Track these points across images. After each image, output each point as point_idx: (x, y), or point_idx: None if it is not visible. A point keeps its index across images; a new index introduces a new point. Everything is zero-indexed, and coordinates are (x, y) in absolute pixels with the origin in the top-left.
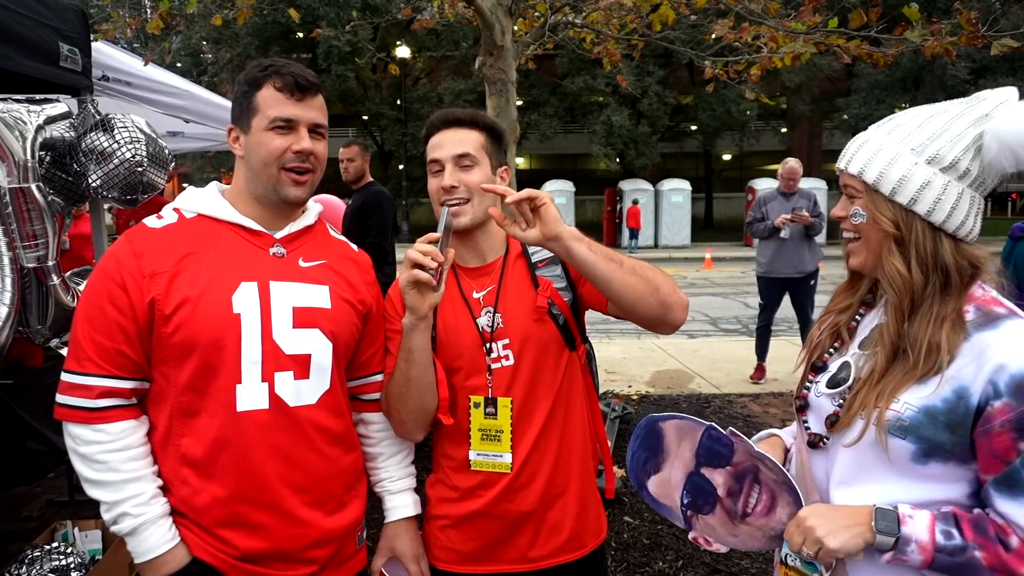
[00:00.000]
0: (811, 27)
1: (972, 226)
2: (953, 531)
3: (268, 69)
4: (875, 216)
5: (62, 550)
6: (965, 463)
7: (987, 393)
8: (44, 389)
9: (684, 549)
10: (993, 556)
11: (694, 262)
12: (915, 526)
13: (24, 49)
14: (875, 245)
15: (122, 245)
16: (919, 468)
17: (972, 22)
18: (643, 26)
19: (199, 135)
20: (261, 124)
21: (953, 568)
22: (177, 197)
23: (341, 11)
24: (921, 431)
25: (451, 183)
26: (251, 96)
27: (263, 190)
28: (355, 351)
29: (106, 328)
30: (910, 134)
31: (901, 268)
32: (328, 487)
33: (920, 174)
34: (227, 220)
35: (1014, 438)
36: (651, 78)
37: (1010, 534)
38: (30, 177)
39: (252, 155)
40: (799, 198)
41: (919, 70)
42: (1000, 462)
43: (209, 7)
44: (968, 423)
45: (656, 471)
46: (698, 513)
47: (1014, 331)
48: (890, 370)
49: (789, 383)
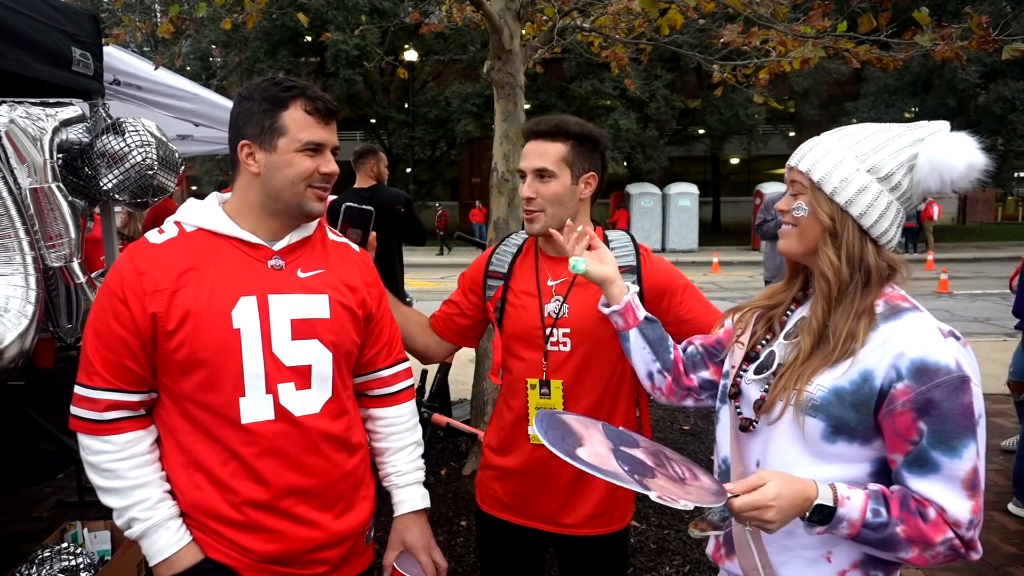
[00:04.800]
0: (820, 31)
1: (893, 236)
2: (882, 509)
3: (293, 90)
4: (816, 211)
5: (71, 550)
6: (868, 442)
7: (890, 377)
8: (55, 390)
9: (691, 554)
10: (913, 528)
11: (701, 266)
12: (850, 507)
13: (38, 54)
14: (810, 237)
15: (125, 262)
16: (828, 447)
17: (983, 26)
18: (651, 30)
19: (208, 138)
20: (290, 146)
21: (874, 541)
22: (179, 209)
23: (349, 15)
24: (830, 410)
25: (528, 195)
26: (275, 115)
27: (284, 205)
28: (359, 352)
29: (111, 342)
30: (857, 143)
31: (834, 259)
32: (337, 490)
33: (859, 179)
34: (226, 234)
35: (914, 417)
36: (659, 82)
37: (928, 507)
38: (50, 177)
39: (277, 174)
40: None
41: (929, 74)
42: (904, 440)
43: (218, 11)
44: (871, 403)
45: (579, 445)
46: (645, 476)
47: (914, 322)
48: (812, 356)
49: None
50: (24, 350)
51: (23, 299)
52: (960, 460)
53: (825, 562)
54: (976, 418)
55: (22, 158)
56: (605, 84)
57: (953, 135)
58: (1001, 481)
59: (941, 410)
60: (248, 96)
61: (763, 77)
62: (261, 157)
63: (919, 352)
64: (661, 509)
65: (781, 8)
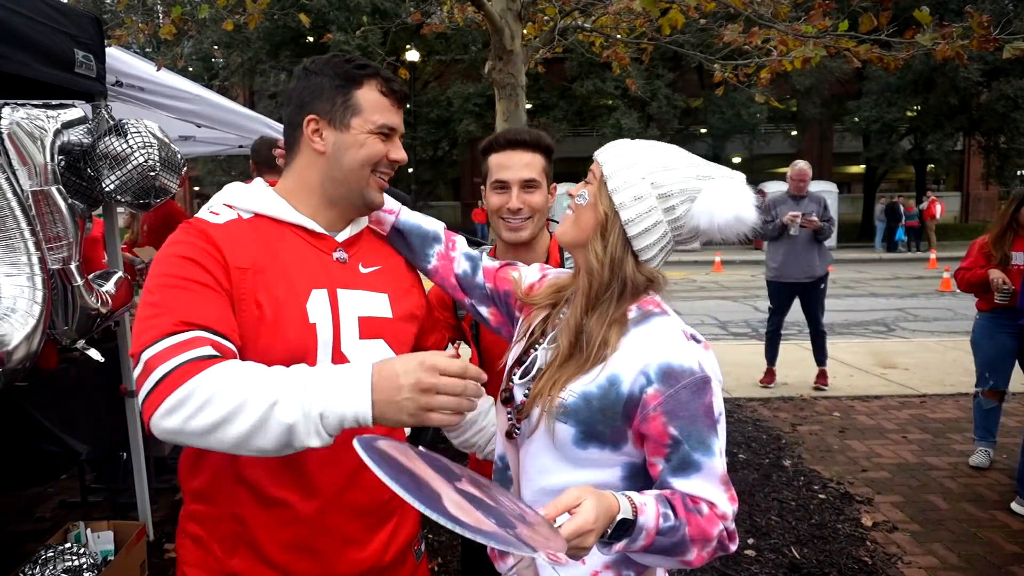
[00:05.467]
0: (821, 31)
1: (654, 256)
2: (670, 512)
3: (368, 68)
4: (595, 202)
5: (75, 551)
6: (618, 448)
7: (640, 383)
8: (58, 391)
9: None
10: (695, 527)
11: (703, 265)
12: (648, 514)
13: (41, 56)
14: (582, 227)
15: (199, 231)
16: (580, 452)
17: (984, 25)
18: (652, 30)
19: (210, 139)
20: (364, 126)
21: (666, 547)
22: (225, 193)
23: (351, 15)
24: (579, 415)
25: (518, 206)
26: (348, 92)
27: (346, 191)
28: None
29: (202, 288)
30: (654, 157)
31: (600, 253)
32: (389, 507)
33: (640, 188)
34: (289, 221)
35: (664, 421)
36: (660, 81)
37: (700, 503)
38: (50, 180)
39: (345, 154)
40: (809, 202)
41: (931, 72)
42: (660, 445)
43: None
44: (619, 408)
45: (437, 495)
46: (511, 529)
47: (660, 327)
48: (568, 361)
49: (799, 387)
50: (32, 351)
51: (30, 299)
52: (715, 457)
53: (579, 563)
54: (717, 416)
55: (24, 160)
56: (607, 84)
57: (739, 188)
58: (1004, 480)
59: (689, 411)
60: (317, 71)
61: (764, 76)
62: (330, 135)
63: (665, 356)
64: None
65: (782, 8)
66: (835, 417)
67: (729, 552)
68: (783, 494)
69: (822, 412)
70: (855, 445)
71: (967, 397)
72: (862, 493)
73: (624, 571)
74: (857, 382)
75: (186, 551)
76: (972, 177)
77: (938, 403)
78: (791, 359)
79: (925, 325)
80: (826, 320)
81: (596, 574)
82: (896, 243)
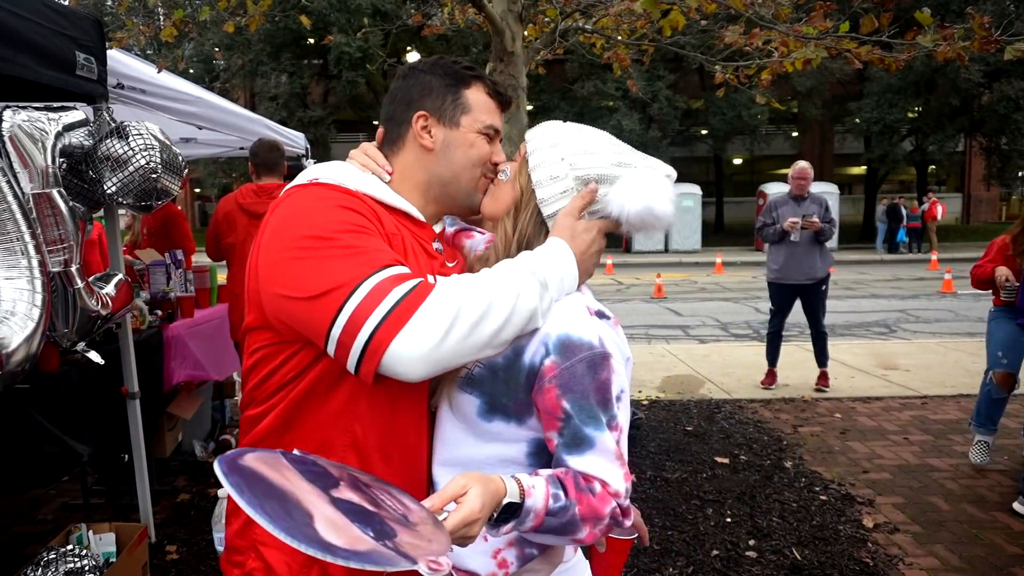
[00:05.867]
0: (822, 32)
1: None
2: (560, 493)
3: (475, 70)
4: (515, 178)
5: (77, 552)
6: (523, 422)
7: (540, 354)
8: (60, 393)
9: (694, 555)
10: (586, 506)
11: (705, 267)
12: (536, 496)
13: (42, 58)
14: (500, 201)
15: (347, 191)
16: (485, 425)
17: (985, 26)
18: (653, 31)
19: (212, 141)
20: (474, 125)
21: (556, 527)
22: (332, 171)
23: (352, 17)
24: (485, 386)
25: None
26: (459, 91)
27: (452, 191)
28: None
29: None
30: (577, 140)
31: (509, 231)
32: None
33: (557, 168)
34: (395, 206)
35: (558, 394)
36: (661, 82)
37: (593, 481)
38: (51, 182)
39: (455, 152)
40: (810, 203)
41: (932, 73)
42: (553, 418)
43: (221, 14)
44: (520, 379)
45: (309, 515)
46: (391, 539)
47: (565, 301)
48: None
49: (801, 389)
50: (31, 353)
51: (29, 302)
52: (607, 432)
53: (482, 540)
54: (617, 393)
55: (25, 163)
56: (607, 85)
57: (658, 179)
58: (1005, 481)
59: (583, 384)
60: (426, 70)
61: (765, 78)
62: (439, 132)
63: (564, 328)
64: (664, 509)
65: (783, 9)
66: (836, 418)
67: (624, 527)
68: (784, 495)
69: (823, 413)
70: (856, 446)
71: (968, 399)
72: (863, 494)
73: (527, 549)
74: (858, 383)
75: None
76: (973, 178)
77: (939, 404)
78: (792, 360)
79: (926, 326)
80: (827, 321)
81: (499, 551)
82: (897, 244)
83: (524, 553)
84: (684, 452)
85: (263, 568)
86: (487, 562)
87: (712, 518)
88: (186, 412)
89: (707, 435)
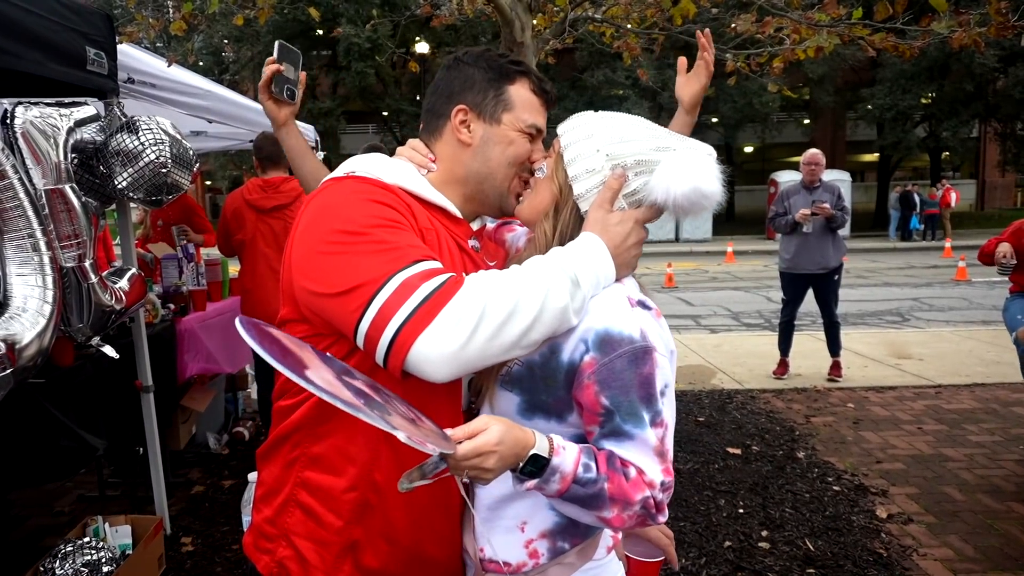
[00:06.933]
0: (835, 19)
1: None
2: (592, 464)
3: (521, 65)
4: (552, 176)
5: (93, 545)
6: (563, 420)
7: (580, 350)
8: (76, 387)
9: (707, 546)
10: (616, 486)
11: (716, 256)
12: (565, 457)
13: (53, 54)
14: (540, 200)
15: (382, 186)
16: (525, 422)
17: (1002, 12)
18: (664, 20)
19: (222, 134)
20: (515, 123)
21: (582, 497)
22: (368, 164)
23: (361, 8)
24: (523, 383)
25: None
26: (502, 87)
27: (488, 188)
28: None
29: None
30: (610, 127)
31: (548, 231)
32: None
33: (594, 160)
34: (432, 201)
35: (597, 390)
36: (671, 71)
37: (629, 466)
38: (63, 178)
39: (494, 149)
40: (823, 191)
41: (946, 59)
42: (593, 414)
43: (230, 7)
44: (559, 377)
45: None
46: (384, 413)
47: (604, 293)
48: None
49: (813, 379)
50: (42, 348)
51: (40, 299)
52: (648, 430)
53: (519, 531)
54: (661, 388)
55: (37, 159)
56: (617, 74)
57: (702, 159)
58: (1021, 471)
59: (622, 380)
60: (469, 62)
61: (777, 65)
62: (478, 128)
63: (604, 323)
64: (676, 501)
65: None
66: (849, 408)
67: (658, 523)
68: (797, 486)
69: (836, 403)
70: (869, 436)
71: (983, 387)
72: (877, 485)
73: (559, 542)
74: (871, 373)
75: (295, 522)
76: (988, 164)
77: (953, 394)
78: (804, 350)
79: (940, 315)
80: (840, 310)
81: (530, 542)
82: (910, 232)
83: (556, 546)
84: (696, 443)
85: (295, 557)
86: (519, 552)
87: (724, 509)
88: (200, 405)
89: (719, 425)
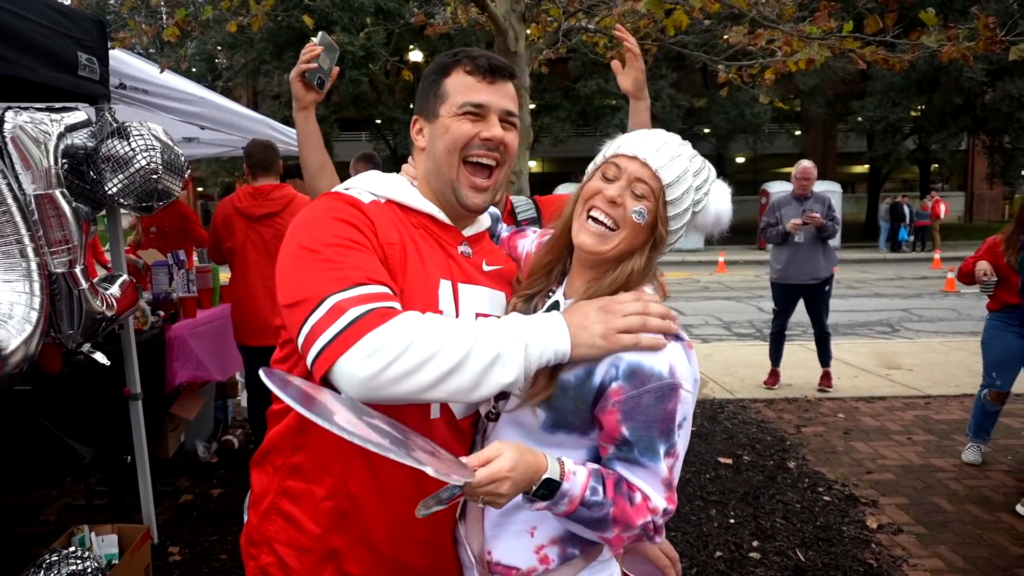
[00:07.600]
0: (826, 32)
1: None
2: (599, 488)
3: (458, 55)
4: (658, 221)
5: (79, 554)
6: (584, 435)
7: (610, 375)
8: (63, 395)
9: (698, 556)
10: (620, 511)
11: (707, 265)
12: (574, 483)
13: (44, 59)
14: (635, 242)
15: (351, 201)
16: (548, 436)
17: (990, 27)
18: (656, 31)
19: (214, 141)
20: (450, 110)
21: (587, 519)
22: (361, 179)
23: (355, 16)
24: (554, 402)
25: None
26: (439, 83)
27: (441, 184)
28: None
29: (362, 252)
30: (692, 158)
31: (638, 267)
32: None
33: (690, 198)
34: (420, 210)
35: (620, 419)
36: (664, 81)
37: (636, 491)
38: (54, 183)
39: (436, 142)
40: (813, 202)
41: (935, 72)
42: (611, 437)
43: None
44: (589, 399)
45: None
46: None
47: None
48: None
49: (804, 388)
50: (28, 355)
51: (27, 305)
52: (662, 462)
53: (528, 535)
54: (680, 421)
55: (27, 164)
56: (610, 84)
57: (721, 184)
58: (1009, 482)
59: (646, 415)
60: (426, 72)
61: (769, 77)
62: (427, 130)
63: (636, 355)
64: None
65: (787, 8)
66: (840, 418)
67: (655, 543)
68: (788, 496)
69: (826, 413)
70: (860, 447)
71: (972, 398)
72: (867, 495)
73: (569, 548)
74: (861, 383)
75: (277, 529)
76: (976, 177)
77: (943, 404)
78: (795, 360)
79: (929, 325)
80: (830, 321)
81: (541, 547)
82: (900, 243)
83: (566, 552)
84: (687, 452)
85: (276, 564)
86: (530, 557)
87: (715, 519)
88: (189, 413)
89: (710, 435)
